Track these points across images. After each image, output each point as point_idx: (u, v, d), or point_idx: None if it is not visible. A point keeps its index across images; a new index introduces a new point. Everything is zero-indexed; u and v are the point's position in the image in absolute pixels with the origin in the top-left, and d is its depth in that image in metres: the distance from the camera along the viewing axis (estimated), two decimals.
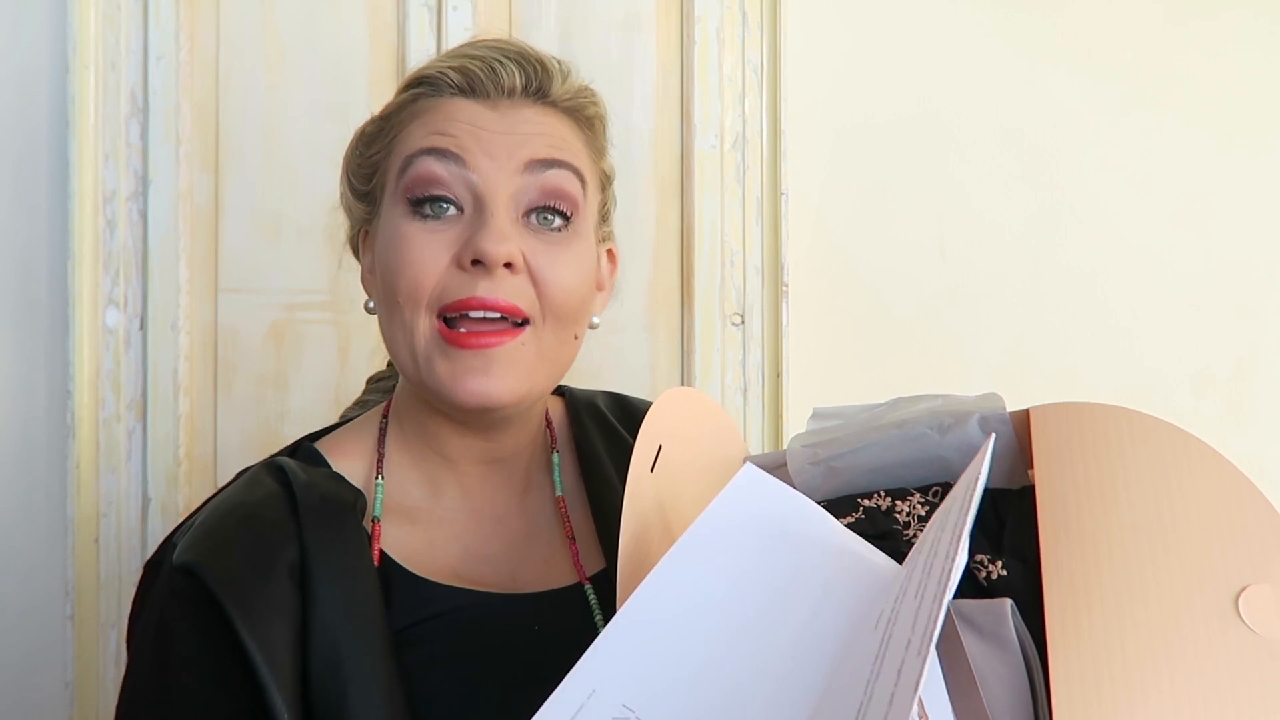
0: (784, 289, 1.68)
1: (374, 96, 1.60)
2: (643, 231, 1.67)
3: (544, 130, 0.98)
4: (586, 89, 1.04)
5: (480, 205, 0.95)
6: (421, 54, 1.61)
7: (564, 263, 0.98)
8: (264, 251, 1.62)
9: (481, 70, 0.98)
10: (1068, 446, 0.86)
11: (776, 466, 1.03)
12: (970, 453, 0.93)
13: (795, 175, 1.70)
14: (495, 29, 1.64)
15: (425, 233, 0.95)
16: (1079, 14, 1.75)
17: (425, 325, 0.95)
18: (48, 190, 1.59)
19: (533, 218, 0.97)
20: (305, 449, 1.07)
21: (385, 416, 1.08)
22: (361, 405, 1.22)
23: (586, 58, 1.65)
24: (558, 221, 0.98)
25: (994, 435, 0.76)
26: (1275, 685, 0.69)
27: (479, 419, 1.01)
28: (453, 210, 0.96)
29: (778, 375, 1.68)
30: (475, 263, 0.93)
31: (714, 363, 1.68)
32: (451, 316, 0.95)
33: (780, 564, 0.73)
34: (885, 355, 1.72)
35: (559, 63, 1.02)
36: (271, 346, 1.63)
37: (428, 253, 0.94)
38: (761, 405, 1.68)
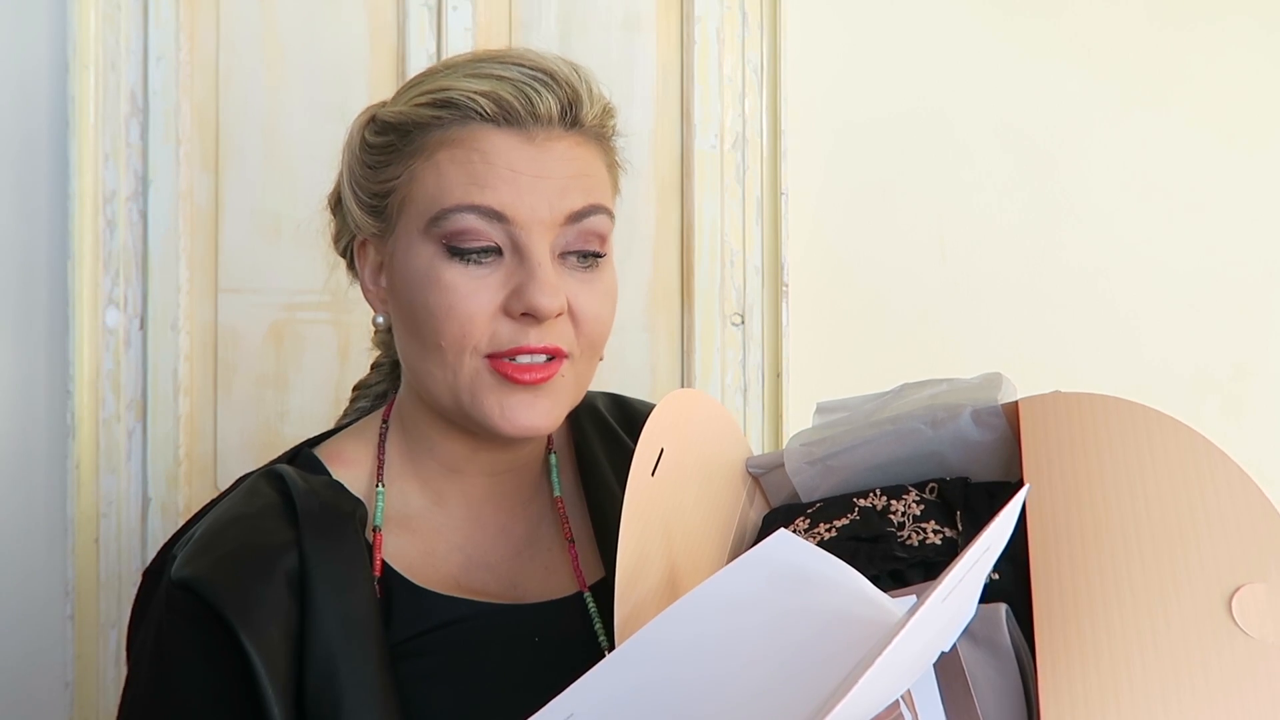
0: (784, 289, 1.68)
1: (374, 96, 1.60)
2: (643, 231, 1.67)
3: (579, 169, 0.97)
4: (608, 107, 1.02)
5: (523, 253, 0.94)
6: (421, 54, 1.61)
7: (598, 298, 0.99)
8: (264, 251, 1.62)
9: (516, 99, 0.94)
10: (1055, 439, 0.85)
11: (774, 467, 1.03)
12: (963, 446, 0.93)
13: (795, 175, 1.69)
14: (495, 30, 1.64)
15: (469, 279, 0.94)
16: (1078, 14, 1.75)
17: (471, 365, 0.95)
18: (48, 190, 1.59)
19: (569, 257, 0.97)
20: (304, 456, 1.06)
21: (385, 421, 1.08)
22: (350, 415, 1.20)
23: (586, 58, 1.63)
24: (591, 259, 0.99)
25: (1026, 488, 0.74)
26: (1268, 689, 0.68)
27: (510, 441, 1.02)
28: (492, 254, 0.95)
29: (778, 375, 1.68)
30: (525, 314, 0.94)
31: (714, 363, 1.68)
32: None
33: (791, 626, 0.72)
34: (885, 355, 1.72)
35: (581, 76, 0.99)
36: (271, 346, 1.63)
37: (475, 302, 0.94)
38: (761, 405, 1.68)
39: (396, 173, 0.98)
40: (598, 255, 0.99)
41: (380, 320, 1.04)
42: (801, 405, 1.65)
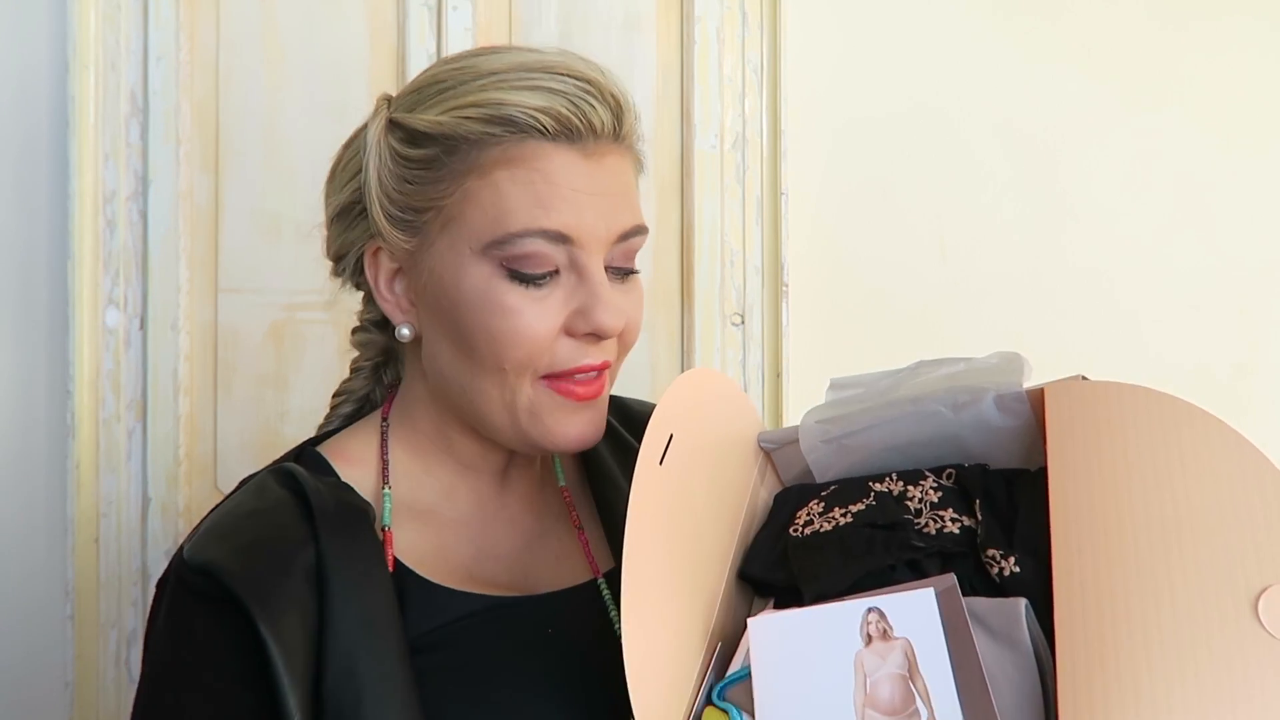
0: (784, 289, 1.68)
1: (374, 96, 1.60)
2: None
3: (625, 184, 0.97)
4: (637, 113, 1.01)
5: (582, 273, 0.94)
6: (421, 54, 1.61)
7: (637, 307, 1.00)
8: (264, 251, 1.62)
9: (574, 114, 0.92)
10: (1081, 429, 0.83)
11: (788, 443, 1.03)
12: (985, 431, 0.92)
13: (795, 175, 1.70)
14: (495, 30, 1.64)
15: (531, 301, 0.93)
16: (1078, 14, 1.76)
17: (531, 387, 0.96)
18: (48, 190, 1.59)
19: (610, 272, 0.97)
20: (310, 455, 1.05)
21: (385, 420, 1.08)
22: (333, 420, 1.16)
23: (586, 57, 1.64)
24: (630, 273, 1.00)
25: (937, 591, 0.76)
26: None
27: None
28: (552, 274, 0.94)
29: (778, 375, 1.68)
30: (588, 333, 0.95)
31: (714, 363, 1.68)
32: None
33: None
34: (886, 355, 1.71)
35: (617, 83, 0.98)
36: (271, 346, 1.62)
37: (541, 325, 0.94)
38: (762, 405, 1.69)
39: (447, 190, 0.95)
40: (635, 270, 1.01)
41: (406, 332, 1.01)
42: (801, 405, 1.64)
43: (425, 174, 0.95)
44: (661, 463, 0.87)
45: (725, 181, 1.68)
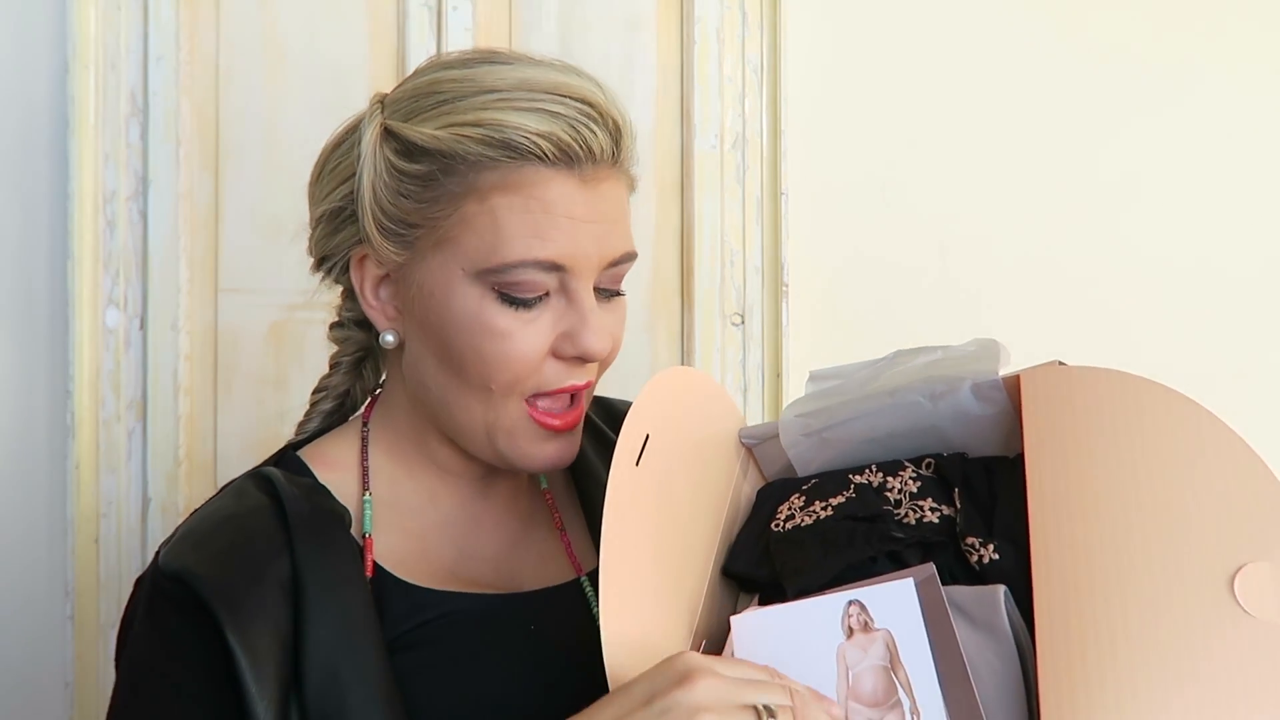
0: (784, 289, 1.68)
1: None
2: (643, 231, 1.67)
3: (619, 210, 0.98)
4: (633, 132, 1.00)
5: (571, 297, 0.95)
6: (421, 54, 1.61)
7: (620, 326, 1.01)
8: (264, 251, 1.62)
9: (575, 140, 0.92)
10: (1058, 415, 0.84)
11: (769, 438, 1.03)
12: (963, 420, 0.92)
13: (795, 175, 1.69)
14: (495, 30, 1.64)
15: (521, 324, 0.94)
16: (1080, 13, 1.75)
17: (515, 409, 0.97)
18: (48, 190, 1.59)
19: (598, 293, 0.98)
20: (290, 458, 1.05)
21: (366, 425, 1.08)
22: (313, 417, 1.15)
23: (586, 58, 1.64)
24: (615, 294, 1.01)
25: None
26: (1270, 670, 0.67)
27: None
28: (543, 297, 0.95)
29: (778, 375, 1.68)
30: (575, 356, 0.96)
31: (714, 363, 1.68)
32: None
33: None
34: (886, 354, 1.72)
35: (616, 104, 0.97)
36: (271, 346, 1.63)
37: (529, 346, 0.94)
38: (761, 405, 1.68)
39: (443, 210, 0.94)
40: (620, 292, 1.01)
41: (390, 339, 1.01)
42: None
43: (420, 191, 0.94)
44: (638, 464, 0.87)
45: (725, 181, 1.68)
